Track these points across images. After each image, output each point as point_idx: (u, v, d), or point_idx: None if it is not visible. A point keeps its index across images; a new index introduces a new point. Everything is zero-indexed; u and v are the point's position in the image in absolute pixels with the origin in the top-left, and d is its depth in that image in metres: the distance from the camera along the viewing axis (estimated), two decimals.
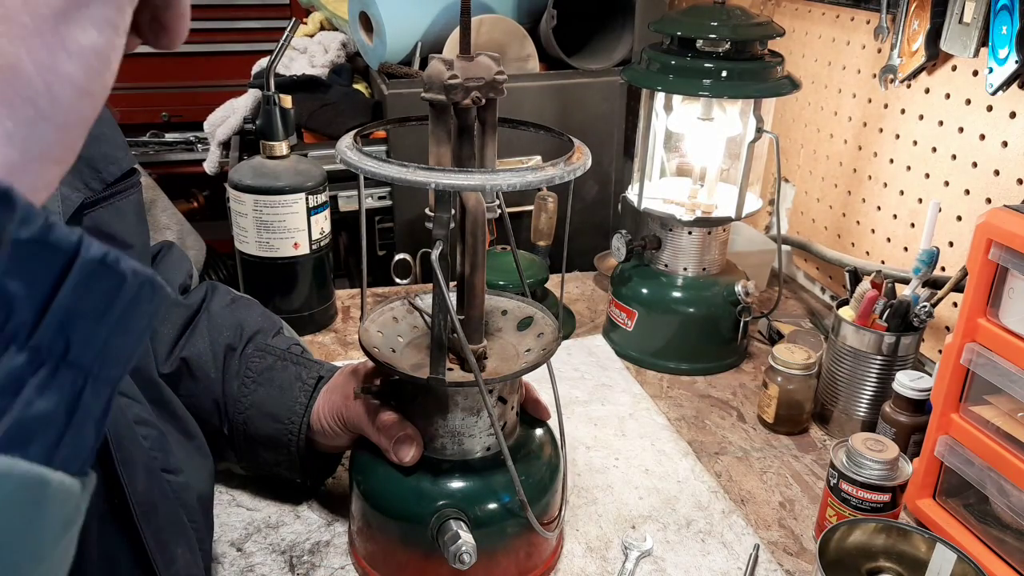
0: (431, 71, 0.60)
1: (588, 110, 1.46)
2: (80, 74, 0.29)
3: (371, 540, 0.73)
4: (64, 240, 0.26)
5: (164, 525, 0.56)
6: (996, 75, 0.91)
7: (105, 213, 0.56)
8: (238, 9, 2.49)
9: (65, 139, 0.29)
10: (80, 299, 0.27)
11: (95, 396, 0.29)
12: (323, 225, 1.15)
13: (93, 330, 0.28)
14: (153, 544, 0.54)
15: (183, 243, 1.71)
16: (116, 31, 0.30)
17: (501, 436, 0.65)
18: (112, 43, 0.30)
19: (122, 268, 0.28)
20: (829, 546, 0.68)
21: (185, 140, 2.47)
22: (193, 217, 2.12)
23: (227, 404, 0.78)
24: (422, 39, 1.45)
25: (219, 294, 0.84)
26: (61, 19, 0.28)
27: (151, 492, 0.56)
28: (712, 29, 0.99)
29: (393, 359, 0.69)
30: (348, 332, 1.20)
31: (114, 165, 0.57)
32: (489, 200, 0.65)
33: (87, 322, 0.28)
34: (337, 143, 0.62)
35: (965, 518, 0.79)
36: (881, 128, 1.18)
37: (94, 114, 0.30)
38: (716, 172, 1.11)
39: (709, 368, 1.11)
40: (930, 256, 0.91)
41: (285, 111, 1.11)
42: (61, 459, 0.28)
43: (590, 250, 1.42)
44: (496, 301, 0.78)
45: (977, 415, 0.77)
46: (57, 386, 0.27)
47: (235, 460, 0.81)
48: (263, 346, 0.80)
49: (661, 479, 0.89)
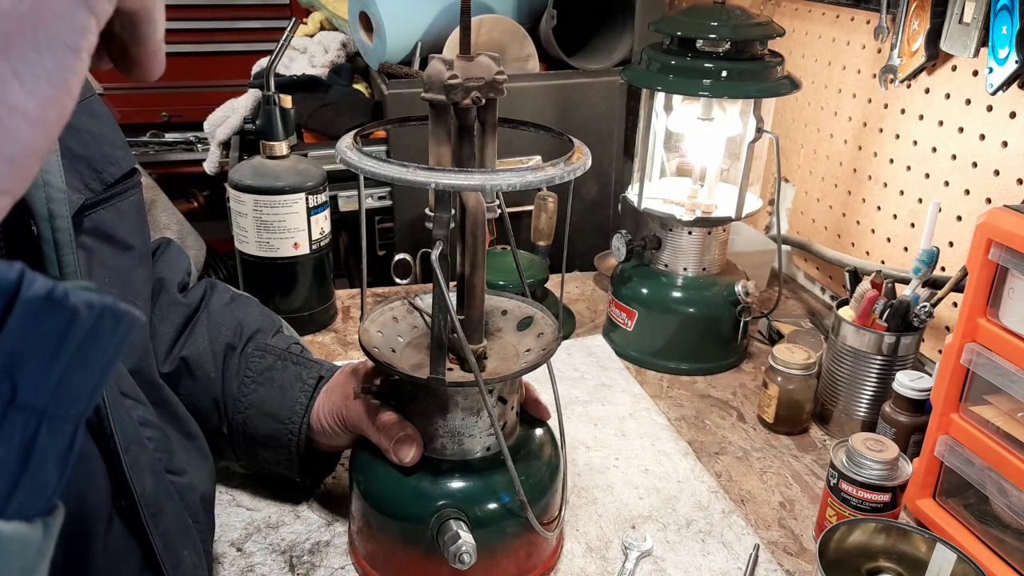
0: (431, 71, 0.60)
1: (588, 110, 1.46)
2: (33, 104, 0.27)
3: (371, 540, 0.73)
4: (2, 279, 0.25)
5: (171, 527, 0.56)
6: (996, 75, 0.91)
7: (106, 214, 0.56)
8: (238, 9, 2.49)
9: (15, 171, 0.27)
10: (25, 339, 0.25)
11: (53, 436, 0.27)
12: (323, 225, 1.15)
13: (44, 370, 0.26)
14: (161, 546, 0.54)
15: (183, 243, 1.71)
16: (76, 55, 0.28)
17: (501, 436, 0.65)
18: (70, 68, 0.28)
19: (72, 303, 0.26)
20: (829, 546, 0.68)
21: (185, 140, 2.47)
22: (193, 217, 2.12)
23: (227, 403, 0.78)
24: (422, 39, 1.45)
25: (218, 292, 0.84)
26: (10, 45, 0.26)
27: (158, 494, 0.56)
28: (712, 29, 0.99)
29: (393, 359, 0.69)
30: (348, 332, 1.20)
31: (114, 166, 0.57)
32: (489, 200, 0.65)
33: (36, 362, 0.26)
34: (337, 143, 0.62)
35: (965, 518, 0.79)
36: (881, 128, 1.18)
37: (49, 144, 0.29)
38: (716, 172, 1.11)
39: (709, 368, 1.11)
40: (930, 256, 0.91)
41: (285, 111, 1.11)
42: (16, 507, 0.27)
43: (590, 250, 1.42)
44: (496, 301, 0.78)
45: (977, 415, 0.77)
46: (5, 433, 0.26)
47: (234, 459, 0.81)
48: (263, 345, 0.80)
49: (661, 479, 0.89)
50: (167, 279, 0.79)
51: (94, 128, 0.56)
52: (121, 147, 0.59)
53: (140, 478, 0.53)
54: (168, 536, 0.56)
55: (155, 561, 0.54)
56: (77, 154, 0.52)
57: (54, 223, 0.47)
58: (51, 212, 0.47)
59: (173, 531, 0.57)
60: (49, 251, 0.47)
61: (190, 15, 2.47)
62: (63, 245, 0.48)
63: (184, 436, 0.67)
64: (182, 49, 2.49)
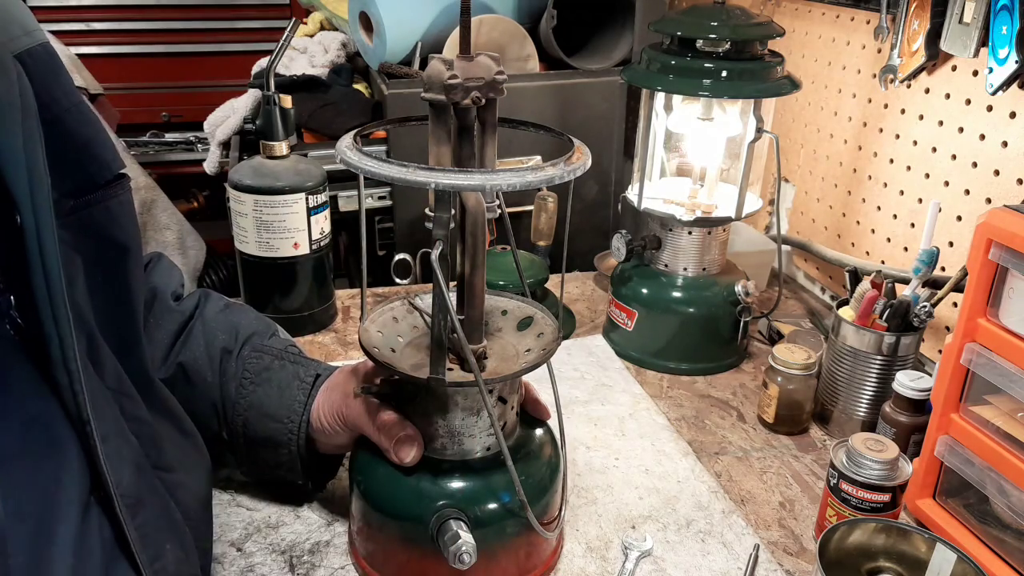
0: (431, 71, 0.60)
1: (588, 110, 1.46)
2: None
3: (371, 540, 0.73)
4: None
5: (151, 520, 0.56)
6: (996, 75, 0.91)
7: (97, 214, 0.57)
8: (238, 9, 2.49)
9: None
10: None
11: None
12: (323, 225, 1.15)
13: None
14: (136, 537, 0.54)
15: (183, 243, 1.71)
16: None
17: (501, 436, 0.65)
18: None
19: None
20: (829, 546, 0.68)
21: (185, 140, 2.47)
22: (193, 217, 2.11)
23: (225, 407, 0.78)
24: (422, 39, 1.45)
25: (212, 300, 0.84)
26: None
27: (139, 488, 0.56)
28: (712, 29, 0.99)
29: (393, 359, 0.69)
30: (348, 332, 1.20)
31: (105, 168, 0.58)
32: (489, 200, 0.65)
33: None
34: (337, 143, 0.62)
35: (965, 518, 0.79)
36: (881, 128, 1.18)
37: None
38: (716, 172, 1.11)
39: (709, 368, 1.11)
40: (930, 256, 0.91)
41: (285, 111, 1.11)
42: None
43: (590, 250, 1.42)
44: (496, 301, 0.78)
45: (977, 415, 0.77)
46: None
47: (235, 465, 0.81)
48: (259, 346, 0.80)
49: (661, 479, 0.89)
50: (160, 288, 0.80)
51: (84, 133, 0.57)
52: (110, 150, 0.59)
53: (117, 469, 0.53)
54: (146, 529, 0.56)
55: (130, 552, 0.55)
56: (68, 158, 0.53)
57: (37, 213, 0.48)
58: (34, 201, 0.48)
59: (153, 525, 0.57)
60: (32, 242, 0.48)
61: (190, 15, 2.47)
62: (45, 235, 0.48)
63: (179, 432, 0.67)
64: (182, 49, 2.50)
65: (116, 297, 0.59)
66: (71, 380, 0.50)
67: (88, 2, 2.39)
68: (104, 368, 0.56)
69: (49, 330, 0.49)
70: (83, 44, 2.38)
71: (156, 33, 2.47)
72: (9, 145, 0.47)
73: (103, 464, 0.52)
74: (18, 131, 0.47)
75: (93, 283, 0.56)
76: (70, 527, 0.50)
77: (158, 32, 2.47)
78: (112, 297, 0.58)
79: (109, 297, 0.58)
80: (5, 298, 0.49)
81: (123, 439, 0.56)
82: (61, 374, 0.50)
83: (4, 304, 0.49)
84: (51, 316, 0.49)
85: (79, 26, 2.41)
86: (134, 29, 2.45)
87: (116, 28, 2.44)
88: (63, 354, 0.50)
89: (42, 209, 0.48)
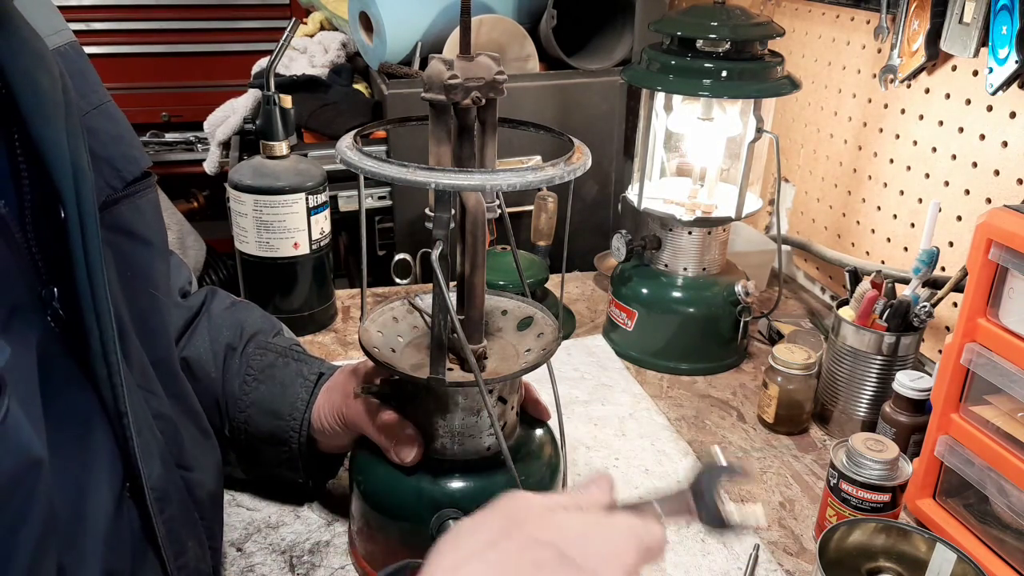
0: (431, 71, 0.60)
1: (588, 110, 1.46)
2: None
3: (371, 540, 0.73)
4: None
5: (176, 515, 0.57)
6: (996, 75, 0.91)
7: (126, 210, 0.58)
8: (238, 9, 2.50)
9: None
10: None
11: None
12: (323, 225, 1.15)
13: None
14: (164, 532, 0.55)
15: (183, 243, 1.72)
16: None
17: (501, 436, 0.65)
18: None
19: None
20: (829, 546, 0.68)
21: (185, 140, 2.47)
22: (193, 217, 2.12)
23: (228, 404, 0.78)
24: (422, 39, 1.45)
25: (219, 297, 0.85)
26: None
27: (166, 484, 0.56)
28: (712, 29, 0.99)
29: (393, 359, 0.69)
30: (348, 332, 1.20)
31: (133, 164, 0.59)
32: (489, 200, 0.65)
33: None
34: (337, 143, 0.62)
35: (965, 518, 0.79)
36: (881, 128, 1.18)
37: None
38: (716, 172, 1.11)
39: (709, 368, 1.11)
40: (930, 256, 0.91)
41: (285, 111, 1.11)
42: None
43: (590, 250, 1.42)
44: (496, 301, 0.78)
45: (977, 415, 0.77)
46: None
47: (236, 463, 0.81)
48: (264, 344, 0.80)
49: (661, 479, 0.89)
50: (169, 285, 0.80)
51: (112, 130, 0.58)
52: (138, 147, 0.61)
53: (149, 464, 0.54)
54: (172, 524, 0.56)
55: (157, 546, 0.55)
56: (98, 155, 0.54)
57: (81, 207, 0.48)
58: (79, 195, 0.48)
59: (178, 520, 0.57)
60: (75, 234, 0.48)
61: (190, 15, 2.47)
62: (89, 228, 0.48)
63: (199, 431, 0.68)
64: (182, 49, 2.50)
65: (143, 293, 0.59)
66: (110, 372, 0.51)
67: (88, 2, 2.39)
68: (132, 363, 0.56)
69: (90, 322, 0.50)
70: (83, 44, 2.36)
71: (156, 33, 2.47)
72: (54, 140, 0.47)
73: (137, 457, 0.53)
74: (62, 127, 0.48)
75: (123, 279, 0.56)
76: (104, 518, 0.50)
77: (158, 32, 2.47)
78: (139, 293, 0.59)
79: (137, 293, 0.58)
80: (48, 290, 0.49)
81: (152, 436, 0.57)
82: (100, 366, 0.51)
83: (47, 296, 0.49)
84: (92, 308, 0.49)
85: (79, 26, 2.41)
86: (134, 29, 2.45)
87: (116, 28, 2.44)
88: (103, 347, 0.50)
89: (86, 203, 0.48)
